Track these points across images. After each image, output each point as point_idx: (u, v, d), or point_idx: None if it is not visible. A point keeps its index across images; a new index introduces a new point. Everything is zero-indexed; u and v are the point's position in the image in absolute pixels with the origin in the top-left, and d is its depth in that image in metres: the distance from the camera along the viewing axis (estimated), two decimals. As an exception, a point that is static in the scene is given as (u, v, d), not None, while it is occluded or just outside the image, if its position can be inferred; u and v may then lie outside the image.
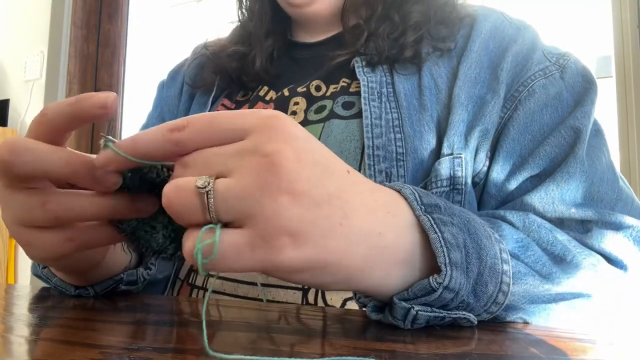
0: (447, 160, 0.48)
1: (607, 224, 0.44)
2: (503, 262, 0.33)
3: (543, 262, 0.39)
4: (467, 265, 0.30)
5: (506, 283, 0.33)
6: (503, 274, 0.33)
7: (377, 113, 0.50)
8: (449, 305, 0.31)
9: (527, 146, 0.48)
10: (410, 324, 0.31)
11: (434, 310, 0.30)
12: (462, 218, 0.32)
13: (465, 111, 0.49)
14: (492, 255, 0.32)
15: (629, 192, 0.48)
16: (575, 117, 0.48)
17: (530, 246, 0.39)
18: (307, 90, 0.57)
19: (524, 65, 0.51)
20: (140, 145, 0.27)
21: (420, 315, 0.30)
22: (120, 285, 0.44)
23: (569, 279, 0.38)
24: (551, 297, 0.37)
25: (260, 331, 0.31)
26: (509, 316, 0.36)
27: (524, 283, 0.36)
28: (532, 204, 0.46)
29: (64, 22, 1.97)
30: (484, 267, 0.32)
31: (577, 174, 0.45)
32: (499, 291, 0.33)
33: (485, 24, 0.54)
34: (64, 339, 0.29)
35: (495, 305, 0.33)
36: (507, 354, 0.28)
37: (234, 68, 0.63)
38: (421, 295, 0.30)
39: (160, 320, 0.35)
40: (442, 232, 0.30)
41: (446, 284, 0.29)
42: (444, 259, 0.29)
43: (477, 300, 0.32)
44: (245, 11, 0.68)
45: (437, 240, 0.29)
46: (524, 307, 0.36)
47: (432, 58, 0.53)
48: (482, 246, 0.32)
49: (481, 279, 0.31)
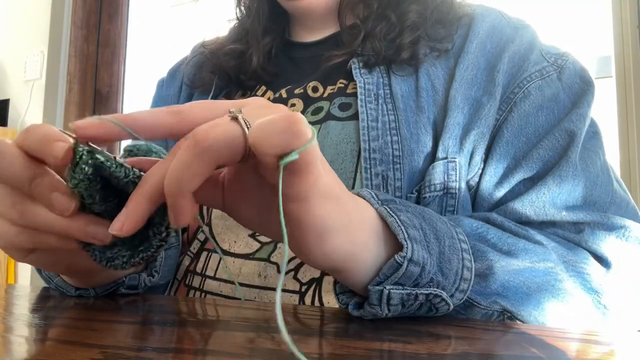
0: (441, 164, 0.47)
1: (600, 224, 0.44)
2: (461, 242, 0.35)
3: (503, 241, 0.40)
4: (427, 243, 0.33)
5: (468, 259, 0.35)
6: (463, 252, 0.35)
7: (374, 115, 0.50)
8: (419, 282, 0.32)
9: (522, 149, 0.48)
10: (386, 308, 0.32)
11: (405, 288, 0.32)
12: (417, 209, 0.35)
13: (461, 114, 0.49)
14: (449, 236, 0.35)
15: (623, 195, 0.48)
16: (570, 120, 0.48)
17: (490, 230, 0.41)
18: (304, 91, 0.57)
19: (520, 66, 0.51)
20: (138, 118, 0.27)
21: (392, 294, 0.32)
22: (121, 288, 0.44)
23: (531, 256, 0.39)
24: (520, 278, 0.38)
25: (260, 331, 0.31)
26: (483, 300, 0.37)
27: (486, 259, 0.37)
28: (522, 208, 0.46)
29: (64, 22, 1.97)
30: (443, 246, 0.34)
31: (570, 177, 0.46)
32: (462, 267, 0.34)
33: (483, 24, 0.53)
34: (64, 338, 0.29)
35: (464, 282, 0.34)
36: (507, 354, 0.28)
37: (232, 66, 0.62)
38: (390, 273, 0.32)
39: (160, 320, 0.35)
40: (399, 215, 0.33)
41: (409, 256, 0.31)
42: (404, 235, 0.32)
43: (446, 278, 0.33)
44: (243, 8, 0.68)
45: (395, 222, 0.32)
46: (495, 290, 0.37)
47: (430, 59, 0.53)
48: (437, 229, 0.35)
49: (443, 256, 0.34)
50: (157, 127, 0.27)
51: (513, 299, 0.37)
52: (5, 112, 2.01)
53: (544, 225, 0.46)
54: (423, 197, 0.47)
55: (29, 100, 1.97)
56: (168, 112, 0.27)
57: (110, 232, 0.28)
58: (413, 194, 0.48)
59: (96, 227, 0.30)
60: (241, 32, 0.67)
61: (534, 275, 0.39)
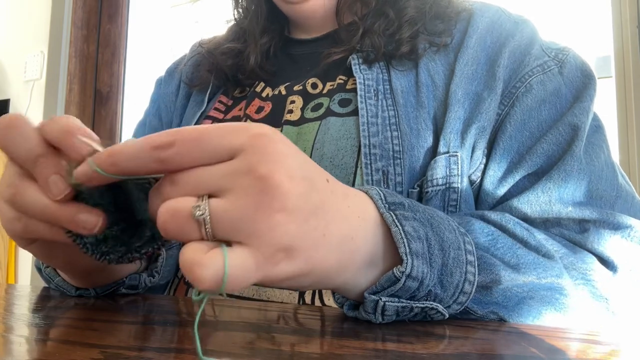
0: (443, 158, 0.47)
1: (605, 223, 0.43)
2: (467, 253, 0.34)
3: (512, 253, 0.39)
4: (429, 256, 0.32)
5: (471, 273, 0.34)
6: (468, 264, 0.34)
7: (374, 111, 0.50)
8: (416, 295, 0.32)
9: (525, 143, 0.48)
10: (380, 317, 0.32)
11: (401, 301, 0.32)
12: (426, 214, 0.34)
13: (462, 108, 0.49)
14: (455, 247, 0.34)
15: (629, 189, 0.48)
16: (573, 114, 0.47)
17: (500, 239, 0.40)
18: (303, 88, 0.57)
19: (521, 61, 0.51)
20: (121, 161, 0.26)
21: (387, 306, 0.32)
22: (122, 288, 0.44)
23: (539, 271, 0.39)
24: (522, 290, 0.38)
25: (259, 331, 0.31)
26: (480, 310, 0.36)
27: (491, 273, 0.37)
28: (527, 206, 0.46)
29: (64, 22, 1.97)
30: (447, 258, 0.33)
31: (575, 172, 0.45)
32: (465, 281, 0.34)
33: (483, 19, 0.53)
34: (65, 338, 0.29)
35: (463, 295, 0.34)
36: (507, 354, 0.28)
37: (229, 65, 0.62)
38: (387, 286, 0.32)
39: (160, 320, 0.35)
40: (403, 225, 0.32)
41: (408, 272, 0.31)
42: (405, 249, 0.31)
43: (445, 291, 0.33)
44: (241, 10, 0.68)
45: (398, 233, 0.31)
46: (495, 300, 0.37)
47: (429, 54, 0.53)
48: (444, 239, 0.33)
49: (446, 269, 0.33)
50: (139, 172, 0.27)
51: (512, 310, 0.37)
52: (5, 112, 2.01)
53: (549, 224, 0.45)
54: (425, 191, 0.47)
55: (29, 100, 1.97)
56: (155, 160, 0.26)
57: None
58: (415, 189, 0.48)
59: (88, 215, 0.30)
60: (238, 31, 0.67)
61: (538, 288, 0.38)
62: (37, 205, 0.30)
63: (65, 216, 0.30)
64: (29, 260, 1.82)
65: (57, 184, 0.29)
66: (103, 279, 0.42)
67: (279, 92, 0.58)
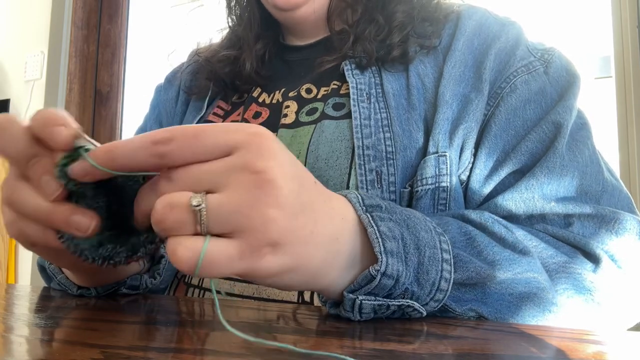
0: (432, 158, 0.48)
1: (589, 217, 0.44)
2: (443, 252, 0.35)
3: (489, 250, 0.40)
4: (405, 254, 0.33)
5: (447, 271, 0.35)
6: (444, 262, 0.35)
7: (366, 114, 0.51)
8: (393, 293, 0.33)
9: (510, 142, 0.49)
10: (358, 314, 0.33)
11: (377, 299, 0.33)
12: (403, 215, 0.35)
13: (450, 109, 0.49)
14: (431, 245, 0.35)
15: (615, 184, 0.48)
16: (556, 112, 0.48)
17: (477, 237, 0.40)
18: (297, 93, 0.58)
19: (507, 62, 0.51)
20: (119, 156, 0.27)
21: (364, 304, 0.33)
22: (123, 288, 0.44)
23: (514, 267, 0.39)
24: (501, 286, 0.38)
25: (260, 331, 0.31)
26: (458, 308, 0.37)
27: (467, 270, 0.37)
28: (511, 203, 0.46)
29: (64, 22, 1.97)
30: (423, 256, 0.34)
31: (557, 168, 0.46)
32: (441, 278, 0.35)
33: (470, 22, 0.54)
34: (65, 338, 0.29)
35: (440, 293, 0.35)
36: (507, 354, 0.28)
37: (226, 72, 0.64)
38: (364, 284, 0.32)
39: (161, 320, 0.35)
40: (379, 226, 0.33)
41: (383, 270, 0.32)
42: (380, 248, 0.32)
43: (421, 288, 0.34)
44: (235, 17, 0.68)
45: (373, 233, 0.32)
46: (473, 297, 0.37)
47: (419, 57, 0.54)
48: (420, 238, 0.34)
49: (422, 267, 0.34)
50: (137, 168, 0.27)
51: (491, 306, 0.37)
52: (5, 112, 2.01)
53: (534, 220, 0.46)
54: (415, 190, 0.48)
55: (29, 100, 1.97)
56: (153, 155, 0.26)
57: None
58: (406, 188, 0.49)
59: (81, 217, 0.30)
60: (233, 38, 0.68)
61: (516, 284, 0.39)
62: (30, 205, 0.30)
63: (58, 217, 0.30)
64: (29, 260, 1.82)
65: (49, 184, 0.29)
66: (108, 278, 0.43)
67: (276, 100, 0.59)
